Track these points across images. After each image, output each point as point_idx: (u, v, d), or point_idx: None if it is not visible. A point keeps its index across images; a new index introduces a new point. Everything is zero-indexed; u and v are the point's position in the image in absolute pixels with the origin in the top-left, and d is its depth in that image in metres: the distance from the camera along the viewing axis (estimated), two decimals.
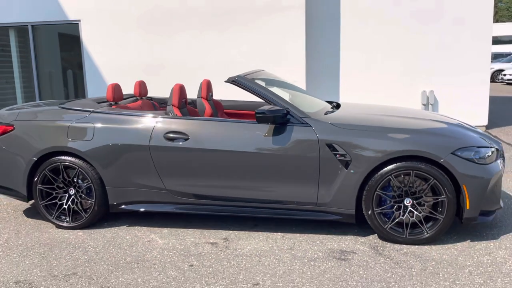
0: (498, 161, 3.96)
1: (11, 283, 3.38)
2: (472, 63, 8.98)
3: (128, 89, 6.29)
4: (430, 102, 9.11)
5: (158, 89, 7.01)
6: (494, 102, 14.52)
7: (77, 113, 4.42)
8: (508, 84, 24.46)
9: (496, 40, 43.79)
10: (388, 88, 9.06)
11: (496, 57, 32.17)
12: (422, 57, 9.08)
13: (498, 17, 67.76)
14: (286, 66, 8.44)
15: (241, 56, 8.69)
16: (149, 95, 5.80)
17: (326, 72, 9.27)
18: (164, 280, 3.35)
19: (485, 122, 9.19)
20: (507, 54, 31.63)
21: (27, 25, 9.36)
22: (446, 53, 9.00)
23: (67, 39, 10.04)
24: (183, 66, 8.86)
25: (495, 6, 68.25)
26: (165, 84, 7.34)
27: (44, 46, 9.80)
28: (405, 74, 9.16)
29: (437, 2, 8.94)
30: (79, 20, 9.11)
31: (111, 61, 9.11)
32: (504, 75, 25.00)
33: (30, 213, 4.92)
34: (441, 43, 8.99)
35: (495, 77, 26.95)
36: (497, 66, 27.42)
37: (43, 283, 3.37)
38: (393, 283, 3.22)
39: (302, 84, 8.46)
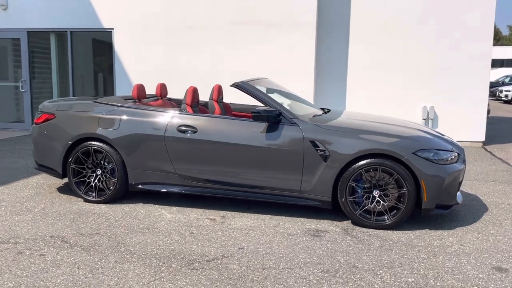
0: (457, 164, 4.64)
1: (47, 237, 4.24)
2: (471, 81, 9.57)
3: (152, 90, 7.21)
4: (430, 117, 9.73)
5: (180, 92, 7.86)
6: (493, 121, 14.99)
7: (107, 106, 5.31)
8: (505, 102, 25.37)
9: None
10: (391, 102, 9.75)
11: None
12: (423, 76, 9.75)
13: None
14: (296, 76, 9.23)
15: (254, 66, 9.51)
16: (171, 96, 6.66)
17: (333, 84, 10.03)
18: (168, 241, 4.16)
19: (482, 138, 9.72)
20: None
21: (67, 31, 10.44)
22: (446, 72, 9.63)
23: (100, 45, 11.09)
24: (201, 72, 9.74)
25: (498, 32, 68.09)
26: (185, 87, 8.25)
27: (79, 50, 10.85)
28: (407, 91, 9.82)
29: (437, 25, 9.60)
30: (113, 28, 10.15)
31: (138, 65, 10.10)
32: (501, 91, 25.83)
33: (62, 190, 5.82)
34: (442, 63, 9.64)
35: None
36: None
37: (72, 238, 4.22)
38: (352, 254, 3.95)
39: (310, 94, 9.25)
